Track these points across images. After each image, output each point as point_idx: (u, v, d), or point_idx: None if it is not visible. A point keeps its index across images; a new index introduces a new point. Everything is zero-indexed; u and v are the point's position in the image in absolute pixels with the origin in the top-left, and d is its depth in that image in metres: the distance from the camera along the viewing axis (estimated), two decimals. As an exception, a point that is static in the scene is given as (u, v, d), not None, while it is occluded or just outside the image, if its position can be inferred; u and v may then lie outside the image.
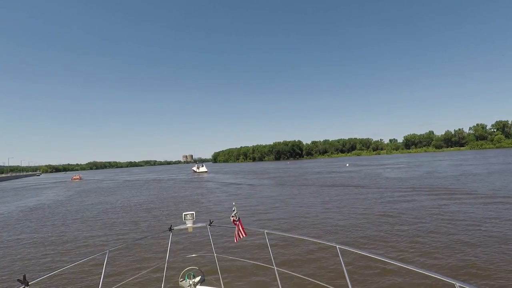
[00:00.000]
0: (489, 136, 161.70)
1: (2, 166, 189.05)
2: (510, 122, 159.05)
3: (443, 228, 10.36)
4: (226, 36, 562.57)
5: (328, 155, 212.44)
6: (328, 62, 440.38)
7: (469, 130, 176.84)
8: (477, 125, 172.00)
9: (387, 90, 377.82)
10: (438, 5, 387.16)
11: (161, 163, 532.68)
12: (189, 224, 3.86)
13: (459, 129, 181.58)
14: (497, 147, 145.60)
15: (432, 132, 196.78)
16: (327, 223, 12.25)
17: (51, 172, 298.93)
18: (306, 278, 4.19)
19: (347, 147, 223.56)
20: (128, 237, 11.74)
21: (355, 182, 27.51)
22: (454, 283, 1.83)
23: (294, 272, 4.32)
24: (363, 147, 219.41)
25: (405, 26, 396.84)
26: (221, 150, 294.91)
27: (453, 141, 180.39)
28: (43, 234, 13.15)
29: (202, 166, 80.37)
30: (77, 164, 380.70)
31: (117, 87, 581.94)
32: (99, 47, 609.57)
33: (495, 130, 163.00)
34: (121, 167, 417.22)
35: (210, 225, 3.97)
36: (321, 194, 20.69)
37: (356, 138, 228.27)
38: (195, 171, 77.56)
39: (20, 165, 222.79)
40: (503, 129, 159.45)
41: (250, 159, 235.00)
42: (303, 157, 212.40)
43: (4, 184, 77.92)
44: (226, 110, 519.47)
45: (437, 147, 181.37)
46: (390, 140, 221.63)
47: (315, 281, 4.04)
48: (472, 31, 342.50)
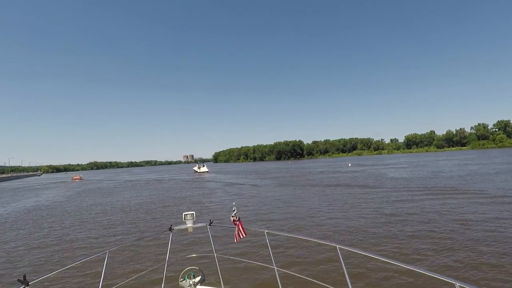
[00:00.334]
0: (491, 136, 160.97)
1: (3, 167, 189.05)
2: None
3: (456, 229, 10.02)
4: (227, 36, 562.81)
5: (329, 155, 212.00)
6: (329, 62, 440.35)
7: (470, 129, 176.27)
8: (478, 124, 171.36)
9: (387, 90, 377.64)
10: (438, 5, 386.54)
11: (161, 163, 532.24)
12: (189, 224, 3.85)
13: (460, 129, 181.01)
14: (499, 147, 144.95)
15: (434, 132, 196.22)
16: (334, 224, 11.92)
17: (52, 172, 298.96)
18: (306, 278, 4.17)
19: (348, 147, 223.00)
20: (128, 238, 11.65)
21: (360, 182, 27.12)
22: (454, 283, 1.83)
23: (294, 272, 4.29)
24: (364, 147, 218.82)
25: (405, 26, 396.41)
26: (221, 150, 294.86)
27: (454, 140, 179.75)
28: (38, 235, 12.84)
29: (203, 166, 79.93)
30: (78, 164, 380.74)
31: (118, 87, 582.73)
32: (100, 47, 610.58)
33: (496, 130, 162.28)
34: (122, 167, 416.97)
35: (210, 225, 3.97)
36: (326, 195, 20.34)
37: (357, 138, 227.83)
38: (196, 171, 77.24)
39: (21, 165, 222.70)
40: (505, 128, 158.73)
41: (250, 159, 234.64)
42: (304, 157, 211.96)
43: (4, 184, 77.72)
44: (226, 110, 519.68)
45: (439, 146, 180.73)
46: (391, 140, 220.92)
47: (315, 281, 4.02)
48: (473, 30, 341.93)
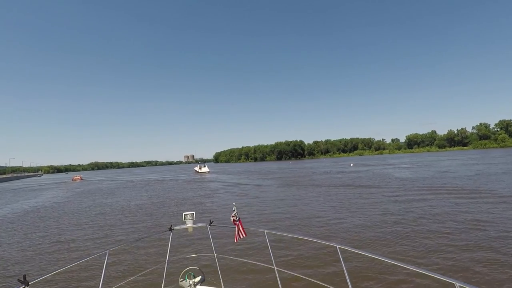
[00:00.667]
0: (493, 136, 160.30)
1: (4, 167, 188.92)
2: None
3: (470, 231, 9.66)
4: (227, 36, 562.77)
5: (330, 155, 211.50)
6: (329, 62, 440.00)
7: (472, 129, 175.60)
8: (480, 124, 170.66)
9: (388, 90, 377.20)
10: (439, 5, 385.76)
11: (162, 163, 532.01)
12: (189, 224, 3.83)
13: (462, 129, 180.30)
14: (501, 147, 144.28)
15: (435, 132, 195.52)
16: (341, 226, 11.58)
17: (52, 172, 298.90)
18: (306, 278, 4.15)
19: (349, 147, 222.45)
20: (128, 238, 11.64)
21: (365, 183, 26.69)
22: (454, 283, 1.83)
23: (294, 272, 4.29)
24: (365, 147, 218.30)
25: (405, 26, 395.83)
26: (222, 150, 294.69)
27: (455, 140, 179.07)
28: (34, 237, 12.53)
29: (204, 166, 79.60)
30: (79, 165, 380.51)
31: (118, 87, 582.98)
32: (100, 47, 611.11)
33: (498, 130, 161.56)
34: (123, 167, 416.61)
35: (210, 225, 3.96)
36: (331, 195, 19.97)
37: (358, 138, 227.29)
38: (197, 171, 76.88)
39: (22, 165, 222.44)
40: (507, 128, 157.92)
41: (251, 159, 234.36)
42: (305, 157, 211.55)
43: (5, 184, 77.50)
44: (227, 110, 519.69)
45: (440, 146, 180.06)
46: (392, 140, 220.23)
47: (315, 281, 4.00)
48: (474, 30, 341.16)
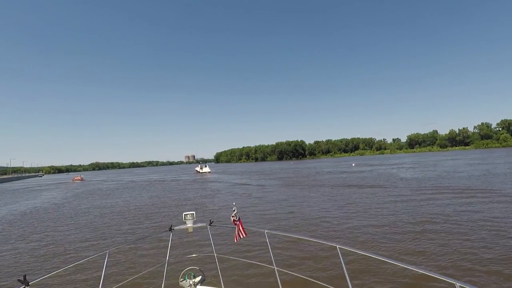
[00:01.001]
0: (494, 135, 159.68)
1: (5, 167, 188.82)
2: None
3: (484, 233, 9.20)
4: (228, 36, 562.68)
5: (331, 155, 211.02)
6: (330, 62, 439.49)
7: (473, 129, 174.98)
8: (482, 124, 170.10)
9: (388, 90, 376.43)
10: (440, 4, 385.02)
11: (163, 164, 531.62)
12: (189, 224, 3.82)
13: (463, 128, 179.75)
14: (503, 146, 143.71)
15: (436, 131, 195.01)
16: (349, 228, 11.13)
17: (53, 173, 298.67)
18: (306, 278, 4.15)
19: (350, 146, 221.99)
20: (128, 238, 11.61)
21: (370, 183, 26.16)
22: (455, 283, 1.82)
23: (294, 272, 4.30)
24: (366, 147, 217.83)
25: (405, 26, 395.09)
26: (223, 150, 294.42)
27: (457, 140, 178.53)
28: (30, 239, 12.11)
29: (205, 166, 79.19)
30: (80, 165, 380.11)
31: (118, 87, 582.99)
32: (100, 48, 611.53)
33: (500, 129, 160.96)
34: (124, 167, 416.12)
35: (210, 225, 3.96)
36: (337, 196, 19.50)
37: (359, 138, 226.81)
38: (198, 172, 76.52)
39: (23, 166, 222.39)
40: (509, 128, 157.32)
41: (252, 159, 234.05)
42: (305, 157, 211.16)
43: (5, 185, 77.22)
44: (228, 110, 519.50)
45: (442, 146, 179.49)
46: (393, 140, 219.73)
47: (315, 281, 3.98)
48: (474, 29, 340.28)
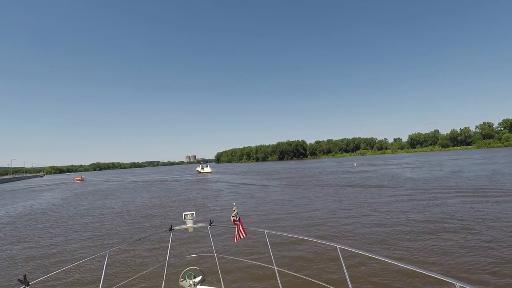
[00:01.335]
0: (496, 135, 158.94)
1: (7, 168, 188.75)
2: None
3: (503, 237, 8.72)
4: (228, 36, 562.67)
5: (332, 155, 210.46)
6: (330, 62, 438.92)
7: (475, 128, 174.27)
8: (483, 123, 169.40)
9: (389, 90, 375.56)
10: (442, 4, 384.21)
11: (164, 164, 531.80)
12: (189, 224, 3.79)
13: (465, 128, 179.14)
14: (505, 146, 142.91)
15: (438, 131, 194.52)
16: (359, 231, 10.69)
17: (55, 173, 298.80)
18: (306, 278, 4.11)
19: (351, 146, 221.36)
20: (128, 238, 11.61)
21: (376, 183, 25.53)
22: (455, 283, 1.82)
23: (294, 272, 4.24)
24: (367, 147, 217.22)
25: (406, 25, 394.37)
26: (224, 150, 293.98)
27: (459, 140, 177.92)
28: (25, 241, 11.75)
29: (207, 166, 79.01)
30: (81, 165, 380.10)
31: (119, 87, 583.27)
32: (101, 48, 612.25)
33: (502, 129, 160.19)
34: (125, 168, 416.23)
35: (210, 225, 3.93)
36: (343, 197, 18.99)
37: (360, 138, 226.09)
38: (199, 172, 76.27)
39: (24, 166, 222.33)
40: (510, 127, 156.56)
41: (253, 159, 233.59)
42: (307, 157, 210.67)
43: (5, 185, 76.93)
44: (228, 110, 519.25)
45: (443, 146, 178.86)
46: (395, 140, 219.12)
47: (315, 281, 3.94)
48: (475, 29, 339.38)
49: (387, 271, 6.72)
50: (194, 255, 7.91)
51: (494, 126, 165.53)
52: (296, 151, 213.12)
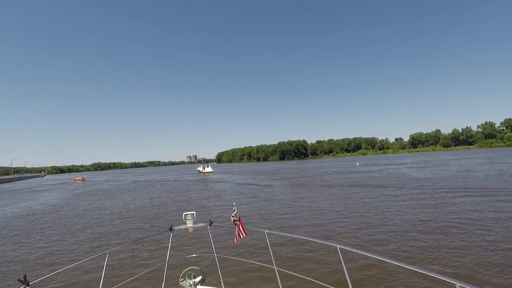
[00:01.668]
0: (498, 134, 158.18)
1: (8, 168, 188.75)
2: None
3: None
4: (229, 36, 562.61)
5: (333, 155, 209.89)
6: (331, 62, 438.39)
7: (477, 128, 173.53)
8: (485, 123, 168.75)
9: (390, 89, 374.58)
10: (443, 4, 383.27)
11: (165, 164, 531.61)
12: (189, 224, 3.80)
13: (467, 127, 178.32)
14: (507, 145, 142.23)
15: (439, 131, 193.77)
16: (368, 232, 10.49)
17: (56, 173, 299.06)
18: (306, 278, 4.13)
19: (352, 146, 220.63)
20: (128, 238, 11.60)
21: (382, 183, 24.94)
22: (455, 283, 1.81)
23: (294, 272, 4.24)
24: (368, 147, 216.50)
25: (407, 25, 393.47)
26: (225, 150, 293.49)
27: (460, 139, 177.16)
28: (21, 243, 11.55)
29: (208, 166, 78.88)
30: (82, 165, 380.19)
31: (120, 88, 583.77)
32: (102, 48, 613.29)
33: (504, 128, 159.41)
34: (126, 167, 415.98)
35: (210, 225, 3.94)
36: (348, 197, 18.57)
37: (361, 138, 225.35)
38: (201, 172, 76.10)
39: (25, 166, 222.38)
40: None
41: (254, 159, 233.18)
42: (308, 156, 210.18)
43: (6, 185, 76.73)
44: (229, 110, 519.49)
45: (445, 145, 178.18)
46: (396, 139, 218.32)
47: (315, 281, 3.97)
48: (476, 28, 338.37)
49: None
50: (194, 255, 7.93)
51: (496, 126, 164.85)
52: (297, 151, 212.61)
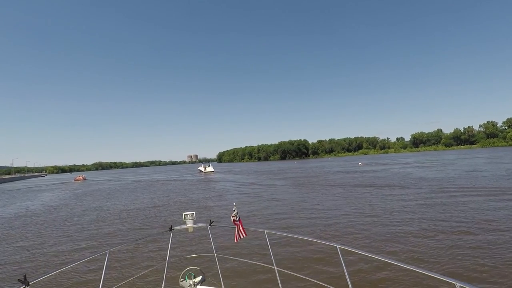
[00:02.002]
0: (500, 134, 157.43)
1: (10, 167, 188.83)
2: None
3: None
4: (230, 36, 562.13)
5: (334, 154, 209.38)
6: (332, 61, 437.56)
7: (479, 127, 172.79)
8: (487, 122, 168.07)
9: (391, 89, 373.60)
10: (444, 3, 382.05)
11: (166, 163, 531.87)
12: (189, 224, 3.80)
13: (469, 127, 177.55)
14: (510, 145, 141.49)
15: (441, 130, 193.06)
16: (378, 236, 10.18)
17: (57, 173, 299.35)
18: (306, 278, 4.15)
19: (354, 146, 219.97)
20: (128, 238, 11.56)
21: (388, 183, 24.44)
22: (455, 283, 1.81)
23: (294, 272, 4.23)
24: (369, 146, 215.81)
25: (409, 24, 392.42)
26: (225, 150, 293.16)
27: (462, 139, 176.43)
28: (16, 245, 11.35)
29: (209, 166, 79.03)
30: (83, 165, 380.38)
31: (121, 88, 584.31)
32: (102, 48, 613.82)
33: (506, 128, 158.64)
34: (127, 167, 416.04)
35: (210, 225, 3.94)
36: (354, 197, 18.16)
37: (363, 137, 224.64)
38: (202, 171, 76.11)
39: (26, 166, 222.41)
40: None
41: (255, 158, 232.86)
42: (309, 156, 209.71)
43: (6, 185, 76.58)
44: (230, 110, 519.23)
45: (447, 145, 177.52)
46: (397, 139, 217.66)
47: (315, 281, 3.96)
48: (479, 27, 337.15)
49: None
50: (194, 255, 7.94)
51: (498, 125, 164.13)
52: (298, 150, 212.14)
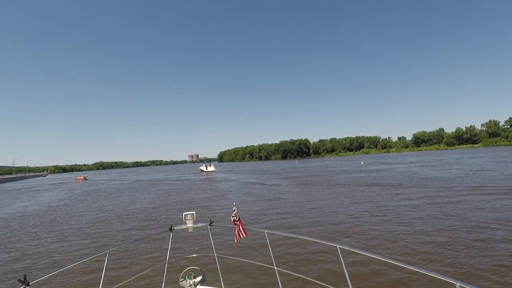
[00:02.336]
0: (502, 133, 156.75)
1: (11, 167, 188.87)
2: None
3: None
4: (231, 36, 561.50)
5: (336, 154, 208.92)
6: (332, 61, 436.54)
7: (481, 127, 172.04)
8: (489, 121, 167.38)
9: (392, 88, 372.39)
10: (444, 3, 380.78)
11: (167, 163, 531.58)
12: (189, 224, 3.80)
13: (470, 126, 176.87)
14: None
15: (443, 130, 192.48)
16: (388, 234, 9.91)
17: (58, 172, 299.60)
18: (306, 278, 4.14)
19: (355, 145, 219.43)
20: (128, 238, 11.55)
21: (394, 183, 23.89)
22: (455, 283, 1.80)
23: (294, 272, 4.27)
24: (371, 145, 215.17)
25: (410, 24, 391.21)
26: (226, 149, 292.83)
27: (464, 138, 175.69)
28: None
29: (210, 165, 78.69)
30: (84, 165, 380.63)
31: (122, 87, 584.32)
32: (103, 48, 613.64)
33: (508, 127, 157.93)
34: (128, 167, 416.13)
35: (210, 225, 3.95)
36: (360, 197, 17.69)
37: (364, 136, 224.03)
38: (203, 171, 75.80)
39: (27, 165, 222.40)
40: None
41: (256, 158, 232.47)
42: (310, 155, 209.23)
43: (6, 185, 76.36)
44: (230, 109, 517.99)
45: (449, 144, 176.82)
46: (399, 138, 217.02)
47: (315, 281, 3.95)
48: (480, 27, 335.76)
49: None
50: (194, 255, 7.93)
51: (500, 124, 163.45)
52: (299, 149, 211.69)
